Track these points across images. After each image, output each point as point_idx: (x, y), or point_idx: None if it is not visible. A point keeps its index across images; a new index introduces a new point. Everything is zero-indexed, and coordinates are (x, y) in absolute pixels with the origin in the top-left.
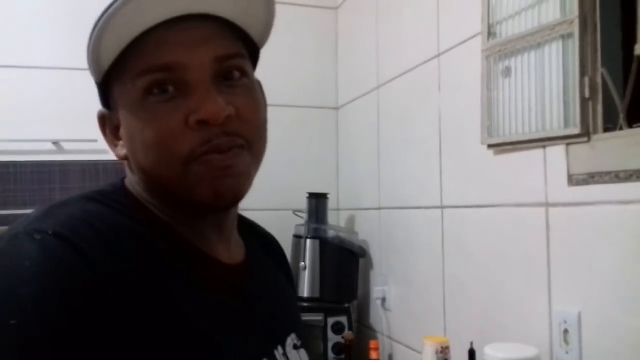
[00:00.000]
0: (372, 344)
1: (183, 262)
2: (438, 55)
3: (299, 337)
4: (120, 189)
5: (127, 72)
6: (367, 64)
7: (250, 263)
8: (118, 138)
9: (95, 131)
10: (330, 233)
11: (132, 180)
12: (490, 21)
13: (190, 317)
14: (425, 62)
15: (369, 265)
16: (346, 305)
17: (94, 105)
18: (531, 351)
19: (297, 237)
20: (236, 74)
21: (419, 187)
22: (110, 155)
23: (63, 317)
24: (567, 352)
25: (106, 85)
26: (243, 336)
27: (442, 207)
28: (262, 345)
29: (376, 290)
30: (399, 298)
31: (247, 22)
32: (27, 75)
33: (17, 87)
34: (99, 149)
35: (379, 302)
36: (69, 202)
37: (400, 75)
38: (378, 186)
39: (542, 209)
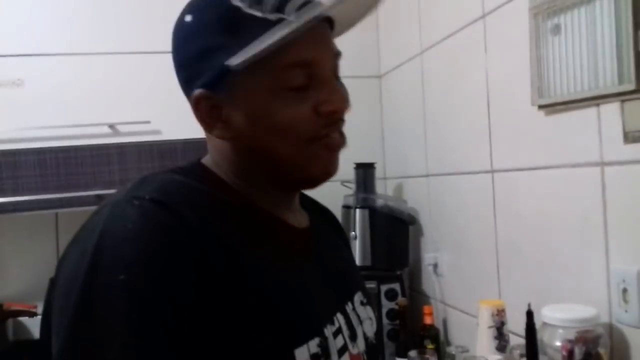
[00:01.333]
0: (426, 309)
1: (261, 224)
2: (483, 16)
3: (364, 295)
4: (198, 165)
5: (265, 65)
6: (409, 30)
7: (314, 229)
8: (215, 119)
9: (148, 113)
10: (379, 202)
11: (215, 159)
12: None
13: (273, 269)
14: (470, 24)
15: (419, 232)
16: (398, 272)
17: (146, 88)
18: (590, 311)
19: (346, 207)
20: (337, 70)
21: (468, 152)
22: (163, 136)
23: (164, 269)
24: (626, 311)
25: (224, 72)
26: (319, 291)
27: (492, 171)
28: (335, 301)
29: (428, 257)
30: (451, 264)
31: (342, 23)
32: (82, 61)
33: (73, 74)
34: (152, 130)
35: (430, 268)
36: (157, 174)
37: (444, 39)
38: (425, 153)
39: (598, 169)
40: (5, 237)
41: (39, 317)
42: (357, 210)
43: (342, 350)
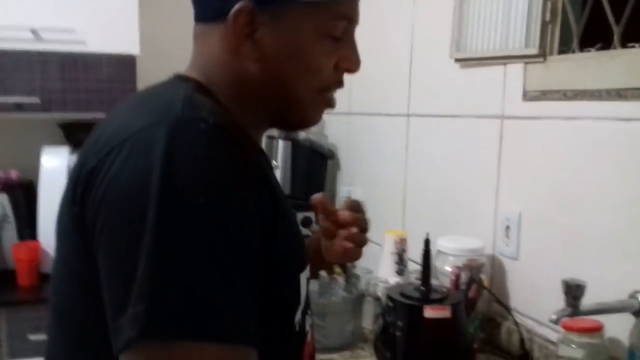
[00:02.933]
0: None
1: (263, 157)
2: None
3: None
4: (199, 86)
5: (321, 10)
6: None
7: None
8: (246, 36)
9: (73, 21)
10: (302, 135)
11: (211, 78)
12: None
13: (285, 201)
14: None
15: (336, 167)
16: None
17: None
18: (477, 243)
19: (270, 137)
20: None
21: (388, 96)
22: (87, 47)
23: (237, 196)
24: (507, 245)
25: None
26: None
27: (408, 115)
28: None
29: (343, 190)
30: (364, 197)
31: None
32: None
33: None
34: (77, 39)
35: (344, 199)
36: (189, 94)
37: None
38: (349, 92)
39: (498, 121)
40: None
41: None
42: (280, 142)
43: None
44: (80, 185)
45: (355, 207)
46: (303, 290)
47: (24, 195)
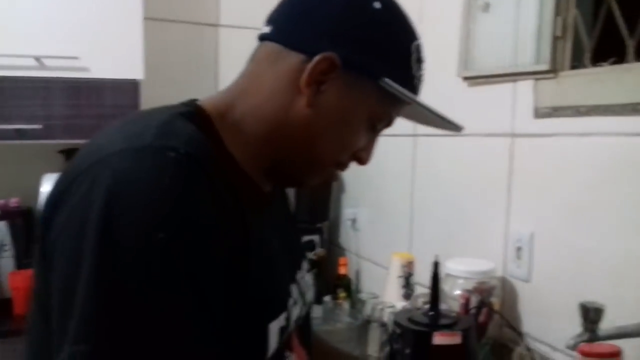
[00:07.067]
0: (341, 260)
1: (249, 193)
2: None
3: (306, 261)
4: (201, 112)
5: (382, 99)
6: None
7: (274, 193)
8: (314, 82)
9: (77, 49)
10: None
11: (231, 109)
12: None
13: (260, 244)
14: None
15: (341, 189)
16: (318, 225)
17: (76, 23)
18: (487, 265)
19: None
20: None
21: None
22: (91, 74)
23: (201, 236)
24: (519, 267)
25: (372, 74)
26: (281, 262)
27: (414, 135)
28: (290, 271)
29: (347, 212)
30: (369, 220)
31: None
32: None
33: (2, 1)
34: (80, 66)
35: (349, 223)
36: (173, 121)
37: None
38: None
39: (508, 139)
40: None
41: None
42: None
43: (297, 318)
44: (49, 208)
45: None
46: (273, 340)
47: (24, 222)
